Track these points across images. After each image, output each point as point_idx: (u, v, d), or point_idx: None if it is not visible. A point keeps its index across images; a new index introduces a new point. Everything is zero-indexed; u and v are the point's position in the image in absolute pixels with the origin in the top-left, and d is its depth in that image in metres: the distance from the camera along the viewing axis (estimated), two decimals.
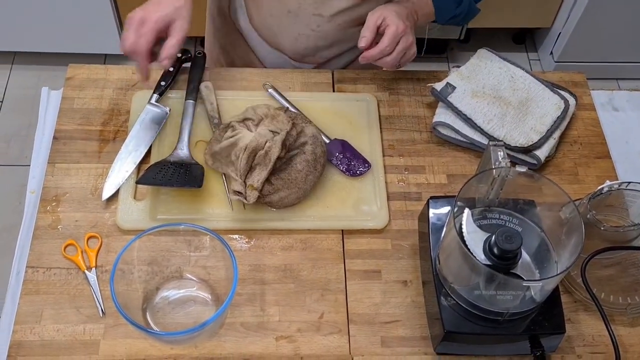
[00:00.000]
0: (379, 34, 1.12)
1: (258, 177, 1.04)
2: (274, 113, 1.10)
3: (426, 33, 2.48)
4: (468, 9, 1.24)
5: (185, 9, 1.09)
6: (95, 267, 1.03)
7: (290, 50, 1.34)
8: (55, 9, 2.27)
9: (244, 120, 1.10)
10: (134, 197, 1.10)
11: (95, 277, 1.02)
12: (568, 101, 1.22)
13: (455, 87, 1.21)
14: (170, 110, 1.19)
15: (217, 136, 1.10)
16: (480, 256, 0.89)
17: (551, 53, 2.61)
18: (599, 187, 1.03)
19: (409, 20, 1.15)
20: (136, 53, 1.06)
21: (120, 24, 2.38)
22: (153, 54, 1.09)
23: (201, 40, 1.65)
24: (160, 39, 1.08)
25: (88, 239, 1.06)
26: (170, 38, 1.08)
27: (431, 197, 1.03)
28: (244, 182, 1.04)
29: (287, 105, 1.21)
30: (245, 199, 1.04)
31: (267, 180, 1.06)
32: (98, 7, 2.28)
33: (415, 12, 1.18)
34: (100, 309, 0.99)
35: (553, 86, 1.24)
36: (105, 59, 2.55)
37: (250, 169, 1.05)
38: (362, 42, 1.11)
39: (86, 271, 1.02)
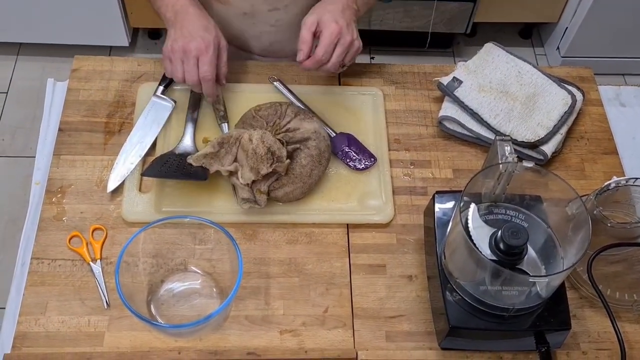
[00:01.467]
0: (317, 38, 1.09)
1: (264, 181, 1.04)
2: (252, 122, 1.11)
3: (430, 27, 2.48)
4: None
5: (213, 25, 1.12)
6: (100, 259, 1.03)
7: (257, 48, 1.34)
8: (61, 1, 2.27)
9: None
10: (139, 190, 1.10)
11: (100, 269, 1.02)
12: (575, 96, 1.21)
13: (461, 82, 1.21)
14: (175, 103, 1.19)
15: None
16: (486, 251, 0.88)
17: (557, 48, 2.60)
18: (606, 183, 1.03)
19: (344, 16, 1.09)
20: (207, 81, 1.09)
21: (126, 16, 2.38)
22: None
23: None
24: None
25: (93, 230, 1.06)
26: (222, 57, 1.12)
27: (437, 192, 1.03)
28: (251, 189, 1.04)
29: (292, 98, 1.20)
30: (257, 203, 1.04)
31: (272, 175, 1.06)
32: None
33: (354, 1, 1.14)
34: (104, 301, 0.99)
35: (560, 81, 1.24)
36: (110, 50, 2.55)
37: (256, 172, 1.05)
38: (300, 56, 1.09)
39: (91, 263, 1.03)
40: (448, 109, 1.21)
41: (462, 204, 0.90)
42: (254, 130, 1.06)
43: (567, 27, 2.51)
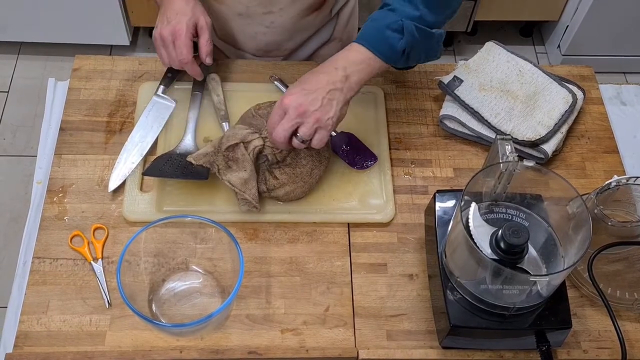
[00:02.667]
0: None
1: (252, 187, 1.04)
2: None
3: None
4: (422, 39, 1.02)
5: (199, 5, 1.12)
6: (102, 258, 1.04)
7: (252, 48, 1.33)
8: (61, 0, 2.27)
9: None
10: (140, 189, 1.10)
11: (102, 268, 1.02)
12: (576, 95, 1.21)
13: (462, 81, 1.21)
14: (176, 102, 1.19)
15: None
16: (487, 250, 0.88)
17: (558, 46, 2.60)
18: (607, 182, 1.03)
19: (319, 92, 0.96)
20: (184, 64, 1.10)
21: (127, 15, 2.38)
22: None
23: None
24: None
25: (94, 230, 1.06)
26: (201, 37, 1.12)
27: (438, 191, 1.03)
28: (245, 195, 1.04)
29: None
30: (255, 207, 1.05)
31: (273, 174, 1.06)
32: None
33: (345, 77, 0.99)
34: (106, 300, 1.00)
35: (561, 80, 1.24)
36: (111, 49, 2.55)
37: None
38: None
39: (92, 262, 1.03)
40: (449, 107, 1.21)
41: (462, 203, 0.90)
42: (252, 133, 1.05)
43: (568, 26, 2.51)
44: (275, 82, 1.23)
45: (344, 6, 1.35)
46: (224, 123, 1.17)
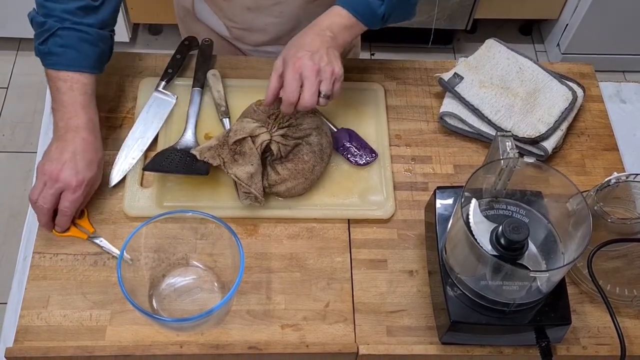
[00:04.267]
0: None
1: (258, 181, 1.04)
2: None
3: (433, 24, 2.48)
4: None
5: (97, 162, 1.04)
6: (94, 231, 1.03)
7: (264, 40, 1.33)
8: None
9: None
10: (141, 184, 1.10)
11: (102, 239, 1.03)
12: (576, 92, 1.21)
13: (463, 78, 1.21)
14: (177, 98, 1.19)
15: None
16: (487, 247, 0.89)
17: (558, 45, 2.60)
18: (606, 179, 1.03)
19: (312, 46, 1.00)
20: (63, 215, 1.02)
21: (126, 11, 2.38)
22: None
23: None
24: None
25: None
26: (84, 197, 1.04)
27: (438, 188, 1.03)
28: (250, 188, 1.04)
29: None
30: (257, 201, 1.05)
31: (275, 170, 1.06)
32: None
33: (327, 27, 1.04)
34: (127, 259, 0.94)
35: (561, 77, 1.24)
36: None
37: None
38: (265, 101, 1.05)
39: (90, 239, 1.02)
40: (449, 104, 1.21)
41: (463, 200, 0.90)
42: (260, 127, 1.05)
43: (567, 24, 2.51)
44: None
45: None
46: (224, 119, 1.17)
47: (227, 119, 1.17)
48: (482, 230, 0.89)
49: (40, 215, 1.01)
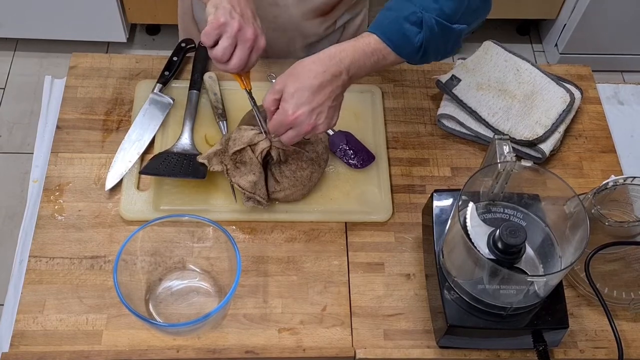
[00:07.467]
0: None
1: (261, 187, 1.04)
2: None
3: None
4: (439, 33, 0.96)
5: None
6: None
7: None
8: None
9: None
10: (137, 188, 1.10)
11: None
12: (574, 94, 1.21)
13: (460, 80, 1.21)
14: (174, 101, 1.18)
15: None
16: (484, 250, 0.88)
17: (556, 45, 2.60)
18: (604, 182, 1.03)
19: (315, 98, 0.92)
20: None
21: (124, 11, 2.37)
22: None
23: None
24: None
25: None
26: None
27: (435, 190, 1.03)
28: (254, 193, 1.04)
29: None
30: (260, 204, 1.04)
31: (274, 178, 1.06)
32: None
33: (348, 79, 0.95)
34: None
35: (559, 79, 1.24)
36: (107, 46, 2.54)
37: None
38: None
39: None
40: (447, 107, 1.21)
41: (460, 203, 0.90)
42: (258, 134, 1.05)
43: (565, 24, 2.51)
44: (273, 81, 1.23)
45: (351, 20, 1.33)
46: (221, 121, 1.17)
47: (224, 122, 1.17)
48: (480, 233, 0.89)
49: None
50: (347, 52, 0.94)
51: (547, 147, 1.16)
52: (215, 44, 0.96)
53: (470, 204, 0.91)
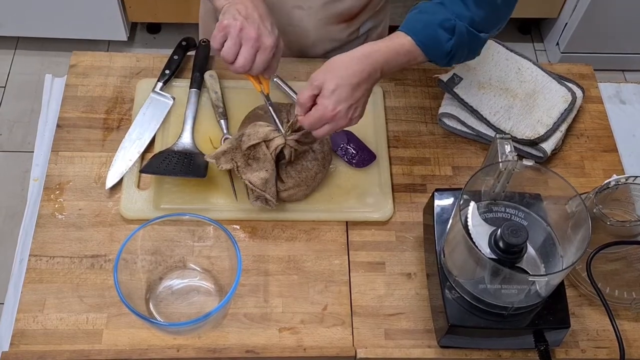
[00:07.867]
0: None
1: (272, 186, 1.03)
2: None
3: None
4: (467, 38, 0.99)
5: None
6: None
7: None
8: None
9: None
10: (138, 186, 1.09)
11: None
12: (575, 93, 1.21)
13: (461, 79, 1.20)
14: (174, 99, 1.18)
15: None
16: (486, 250, 0.88)
17: (557, 44, 2.59)
18: (606, 181, 1.03)
19: (353, 96, 0.95)
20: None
21: (124, 10, 2.37)
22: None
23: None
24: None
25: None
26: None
27: (436, 190, 1.02)
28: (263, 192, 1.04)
29: (292, 94, 1.20)
30: (268, 204, 1.04)
31: (280, 178, 1.06)
32: None
33: (379, 69, 0.97)
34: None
35: (560, 78, 1.23)
36: (108, 45, 2.54)
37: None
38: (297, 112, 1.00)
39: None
40: (448, 105, 1.20)
41: (461, 202, 0.90)
42: (274, 130, 1.04)
43: (566, 23, 2.50)
44: (275, 80, 1.23)
45: (374, 28, 1.34)
46: (222, 120, 1.16)
47: (225, 120, 1.16)
48: (481, 233, 0.89)
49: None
50: (382, 51, 0.97)
51: (548, 146, 1.16)
52: (223, 46, 1.00)
53: (472, 203, 0.91)
